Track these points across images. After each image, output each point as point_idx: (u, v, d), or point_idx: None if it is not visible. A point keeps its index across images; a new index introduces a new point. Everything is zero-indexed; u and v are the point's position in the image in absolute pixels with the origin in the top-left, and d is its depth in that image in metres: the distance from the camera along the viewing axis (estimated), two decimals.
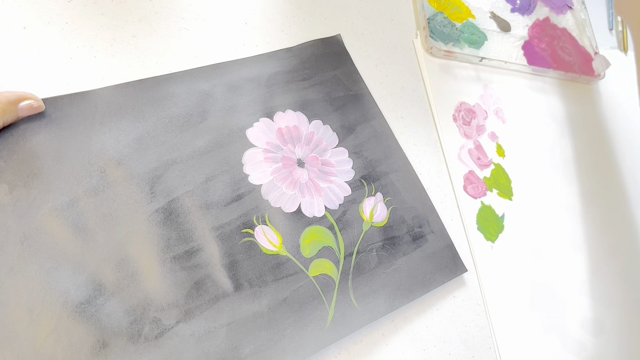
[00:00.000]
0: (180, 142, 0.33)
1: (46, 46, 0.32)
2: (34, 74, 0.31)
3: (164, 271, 0.30)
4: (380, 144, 0.40)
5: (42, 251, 0.28)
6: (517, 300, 0.42)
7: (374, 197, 0.38)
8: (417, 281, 0.37)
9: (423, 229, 0.39)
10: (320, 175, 0.37)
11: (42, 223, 0.28)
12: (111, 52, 0.34)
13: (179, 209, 0.31)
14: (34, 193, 0.28)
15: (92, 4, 0.35)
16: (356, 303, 0.34)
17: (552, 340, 0.42)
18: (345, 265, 0.35)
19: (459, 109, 0.48)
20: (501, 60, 0.51)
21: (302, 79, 0.39)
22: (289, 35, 0.42)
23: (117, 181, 0.30)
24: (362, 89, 0.42)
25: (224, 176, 0.33)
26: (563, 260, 0.47)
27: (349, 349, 0.33)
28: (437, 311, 0.38)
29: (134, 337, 0.28)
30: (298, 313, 0.32)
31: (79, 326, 0.27)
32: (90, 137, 0.31)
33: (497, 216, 0.45)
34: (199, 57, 0.37)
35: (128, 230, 0.30)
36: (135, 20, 0.36)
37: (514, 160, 0.49)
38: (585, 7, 0.61)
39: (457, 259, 0.39)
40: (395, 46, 0.47)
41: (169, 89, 0.34)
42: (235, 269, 0.31)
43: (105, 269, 0.28)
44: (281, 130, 0.37)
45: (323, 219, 0.35)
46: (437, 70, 0.48)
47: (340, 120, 0.39)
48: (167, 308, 0.29)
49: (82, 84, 0.32)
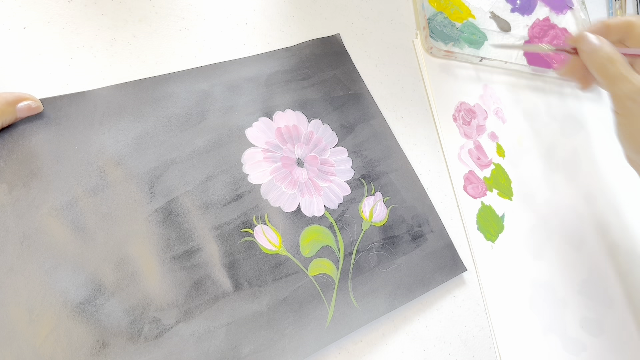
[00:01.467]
0: (179, 141, 0.33)
1: (46, 46, 0.32)
2: (34, 74, 0.31)
3: (163, 271, 0.30)
4: (380, 143, 0.40)
5: (41, 251, 0.28)
6: (517, 300, 0.42)
7: (373, 197, 0.38)
8: (416, 280, 0.37)
9: (422, 228, 0.39)
10: (320, 175, 0.37)
11: (41, 223, 0.28)
12: (111, 52, 0.34)
13: (178, 209, 0.31)
14: (34, 193, 0.28)
15: (92, 4, 0.35)
16: (356, 302, 0.34)
17: (552, 340, 0.42)
18: (344, 264, 0.35)
19: (459, 109, 0.48)
20: (501, 60, 0.51)
21: (301, 79, 0.39)
22: (289, 35, 0.42)
23: (117, 181, 0.30)
24: (361, 88, 0.42)
25: (224, 176, 0.33)
26: (563, 260, 0.47)
27: (349, 349, 0.33)
28: (437, 311, 0.38)
29: (133, 337, 0.28)
30: (298, 312, 0.32)
31: (79, 326, 0.27)
32: (89, 137, 0.31)
33: (497, 216, 0.45)
34: (199, 57, 0.37)
35: (127, 230, 0.30)
36: (135, 20, 0.36)
37: (514, 160, 0.49)
38: (585, 7, 0.61)
39: (456, 259, 0.39)
40: (395, 46, 0.47)
41: (168, 88, 0.34)
42: (235, 268, 0.31)
43: (104, 269, 0.28)
44: (280, 129, 0.37)
45: (322, 218, 0.35)
46: (437, 70, 0.48)
47: (339, 119, 0.39)
48: (166, 308, 0.29)
49: (82, 84, 0.32)
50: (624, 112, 0.38)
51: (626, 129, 0.39)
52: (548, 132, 0.53)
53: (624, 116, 0.38)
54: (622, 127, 0.39)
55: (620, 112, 0.38)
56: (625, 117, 0.38)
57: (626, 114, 0.38)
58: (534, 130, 0.52)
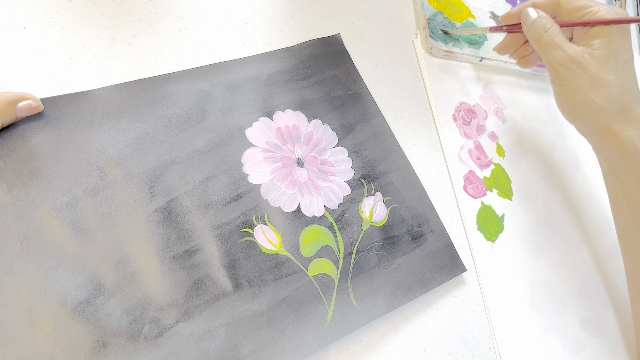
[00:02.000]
0: (179, 141, 0.33)
1: (46, 46, 0.32)
2: (34, 74, 0.31)
3: (163, 271, 0.30)
4: (380, 143, 0.40)
5: (41, 251, 0.28)
6: (517, 300, 0.42)
7: (373, 197, 0.38)
8: (416, 280, 0.37)
9: (422, 228, 0.39)
10: (320, 175, 0.37)
11: (41, 223, 0.28)
12: (111, 52, 0.34)
13: (178, 209, 0.31)
14: (33, 193, 0.28)
15: (92, 4, 0.35)
16: (356, 302, 0.34)
17: (552, 340, 0.42)
18: (344, 264, 0.35)
19: (459, 109, 0.48)
20: (501, 60, 0.51)
21: (301, 79, 0.39)
22: (289, 35, 0.42)
23: (117, 181, 0.30)
24: (361, 88, 0.42)
25: (224, 176, 0.33)
26: (563, 260, 0.47)
27: (349, 349, 0.33)
28: (437, 311, 0.38)
29: (133, 337, 0.28)
30: (297, 312, 0.32)
31: (79, 326, 0.27)
32: (89, 137, 0.31)
33: (497, 216, 0.45)
34: (199, 57, 0.37)
35: (127, 229, 0.30)
36: (135, 20, 0.36)
37: (514, 160, 0.49)
38: None
39: (456, 258, 0.39)
40: (395, 46, 0.47)
41: (168, 88, 0.34)
42: (235, 268, 0.31)
43: (104, 269, 0.28)
44: (280, 129, 0.37)
45: (322, 218, 0.35)
46: (437, 70, 0.48)
47: (339, 119, 0.39)
48: (166, 307, 0.29)
49: (82, 84, 0.32)
50: (558, 80, 0.39)
51: (562, 97, 0.40)
52: (548, 132, 0.53)
53: (559, 84, 0.39)
54: (558, 95, 0.41)
55: (555, 80, 0.39)
56: (560, 85, 0.39)
57: (561, 81, 0.39)
58: (534, 130, 0.52)
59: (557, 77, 0.39)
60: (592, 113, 0.39)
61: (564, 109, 0.41)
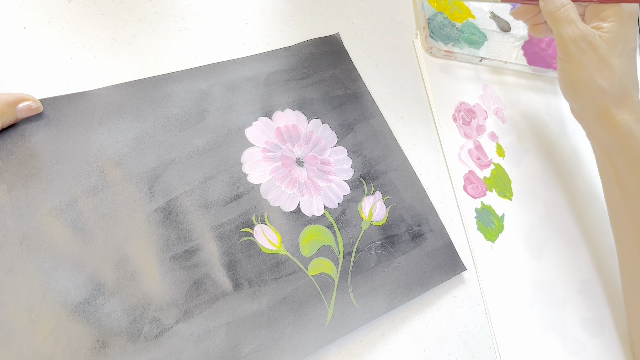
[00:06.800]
0: (179, 141, 0.33)
1: (46, 46, 0.32)
2: (34, 74, 0.31)
3: (163, 271, 0.30)
4: (379, 142, 0.40)
5: (41, 251, 0.28)
6: (516, 300, 0.42)
7: (373, 196, 0.38)
8: (416, 280, 0.37)
9: (422, 227, 0.39)
10: (319, 174, 0.37)
11: (41, 223, 0.28)
12: (111, 52, 0.34)
13: (178, 209, 0.31)
14: (33, 193, 0.28)
15: (92, 4, 0.35)
16: (355, 302, 0.34)
17: (552, 340, 0.42)
18: (344, 264, 0.35)
19: (459, 109, 0.48)
20: (501, 60, 0.51)
21: (300, 78, 0.39)
22: (289, 35, 0.42)
23: (116, 181, 0.30)
24: (360, 87, 0.42)
25: (223, 175, 0.33)
26: (563, 260, 0.46)
27: (348, 349, 0.33)
28: (437, 311, 0.38)
29: (133, 337, 0.28)
30: (297, 312, 0.32)
31: (79, 326, 0.27)
32: (88, 137, 0.31)
33: (497, 216, 0.45)
34: (199, 57, 0.37)
35: (127, 229, 0.30)
36: (135, 20, 0.36)
37: (514, 160, 0.49)
38: None
39: (456, 258, 0.39)
40: (395, 46, 0.47)
41: (168, 88, 0.34)
42: (235, 268, 0.31)
43: (104, 269, 0.28)
44: (280, 129, 0.37)
45: (322, 218, 0.35)
46: (437, 70, 0.48)
47: (339, 119, 0.39)
48: (166, 307, 0.29)
49: (82, 84, 0.32)
50: (566, 56, 0.39)
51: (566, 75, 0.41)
52: (548, 132, 0.53)
53: (566, 61, 0.40)
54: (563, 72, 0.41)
55: (563, 56, 0.40)
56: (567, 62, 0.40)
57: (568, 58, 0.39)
58: (534, 130, 0.52)
59: (566, 54, 0.39)
60: (592, 94, 0.39)
61: (566, 87, 0.42)
